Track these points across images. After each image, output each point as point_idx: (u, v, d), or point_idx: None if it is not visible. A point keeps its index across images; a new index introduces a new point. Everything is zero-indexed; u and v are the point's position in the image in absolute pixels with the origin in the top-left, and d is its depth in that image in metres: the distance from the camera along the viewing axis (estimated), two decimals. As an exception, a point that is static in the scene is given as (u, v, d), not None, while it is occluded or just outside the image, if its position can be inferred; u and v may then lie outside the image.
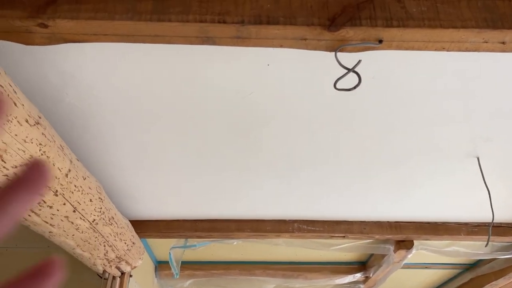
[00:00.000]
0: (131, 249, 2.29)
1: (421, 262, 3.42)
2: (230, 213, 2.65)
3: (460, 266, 3.46)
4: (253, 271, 3.48)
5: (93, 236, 1.81)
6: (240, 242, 2.83)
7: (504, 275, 2.98)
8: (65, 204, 1.47)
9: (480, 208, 2.51)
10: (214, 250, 3.27)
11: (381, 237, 2.73)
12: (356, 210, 2.60)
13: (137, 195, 2.34)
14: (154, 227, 2.67)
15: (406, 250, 2.76)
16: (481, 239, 2.65)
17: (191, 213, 2.62)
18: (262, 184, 2.29)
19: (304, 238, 2.79)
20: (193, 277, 3.45)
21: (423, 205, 2.53)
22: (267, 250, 3.30)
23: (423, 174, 2.18)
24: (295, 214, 2.68)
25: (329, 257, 3.43)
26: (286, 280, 3.51)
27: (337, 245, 2.83)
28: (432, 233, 2.68)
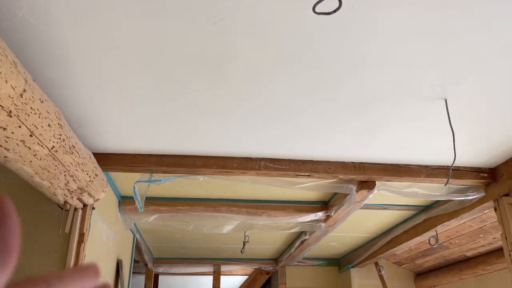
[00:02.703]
0: (94, 180, 2.23)
1: (380, 203, 3.56)
2: (197, 149, 2.61)
3: (415, 207, 3.62)
4: (218, 208, 3.52)
5: (52, 164, 1.73)
6: (206, 178, 2.82)
7: (456, 216, 3.15)
8: (20, 127, 1.38)
9: (441, 152, 2.59)
10: (179, 187, 3.26)
11: (345, 177, 2.78)
12: (322, 150, 2.62)
13: (100, 127, 2.25)
14: (119, 160, 2.60)
15: (368, 191, 2.84)
16: (439, 181, 2.76)
17: (157, 147, 2.56)
18: (229, 121, 2.24)
19: (269, 176, 2.81)
20: (158, 212, 3.46)
21: (387, 148, 2.57)
22: (232, 187, 3.32)
23: (390, 117, 2.20)
24: (262, 153, 2.67)
25: (292, 196, 3.50)
26: (250, 217, 3.58)
27: (302, 183, 2.87)
28: (394, 174, 2.76)
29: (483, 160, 2.71)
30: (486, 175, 2.77)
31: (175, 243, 5.06)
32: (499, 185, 2.72)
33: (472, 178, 2.76)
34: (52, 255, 2.31)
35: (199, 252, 5.49)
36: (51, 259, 2.30)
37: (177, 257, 5.74)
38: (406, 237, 3.92)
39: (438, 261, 4.75)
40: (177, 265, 5.79)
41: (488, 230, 3.61)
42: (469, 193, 2.86)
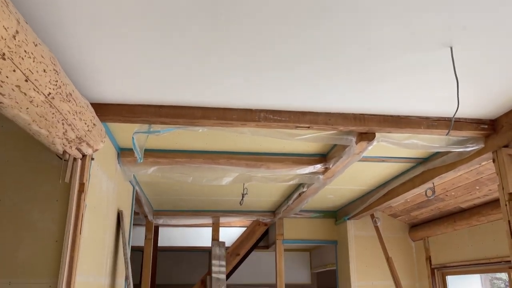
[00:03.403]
0: (92, 130, 2.21)
1: (378, 156, 3.57)
2: (196, 100, 2.57)
3: (414, 160, 3.64)
4: (217, 160, 3.53)
5: (49, 112, 1.70)
6: (205, 130, 2.80)
7: (454, 168, 3.17)
8: (15, 71, 1.34)
9: (443, 102, 2.56)
10: (178, 139, 3.25)
11: (345, 128, 2.77)
12: (322, 101, 2.59)
13: (96, 76, 2.19)
14: (116, 111, 2.57)
15: (367, 142, 2.83)
16: (439, 132, 2.75)
17: (155, 98, 2.52)
18: (229, 71, 2.19)
19: (269, 128, 2.79)
20: (157, 164, 3.46)
21: (388, 99, 2.54)
22: (232, 140, 3.32)
23: (392, 66, 2.15)
24: (262, 104, 2.64)
25: (291, 149, 3.50)
26: (249, 170, 3.60)
27: (302, 135, 2.86)
28: (394, 126, 2.74)
29: (484, 112, 2.69)
30: (486, 126, 2.76)
31: (174, 196, 5.12)
32: (499, 136, 2.71)
33: (472, 130, 2.75)
34: (53, 204, 2.32)
35: (198, 204, 5.57)
36: (53, 208, 2.32)
37: (177, 209, 5.83)
38: (403, 189, 3.97)
39: (433, 213, 4.85)
40: (176, 217, 5.90)
41: (484, 182, 3.65)
42: (468, 145, 2.87)
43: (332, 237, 6.03)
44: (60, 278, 2.20)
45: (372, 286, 5.35)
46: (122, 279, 3.65)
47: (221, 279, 5.63)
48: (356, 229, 5.56)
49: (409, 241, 5.55)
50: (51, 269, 2.22)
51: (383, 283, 5.32)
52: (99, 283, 2.93)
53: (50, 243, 2.26)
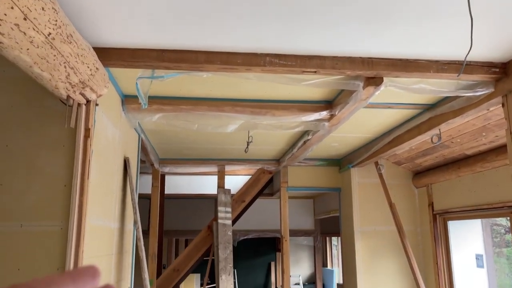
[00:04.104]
0: (95, 74, 2.17)
1: (384, 102, 3.53)
2: (199, 44, 2.51)
3: (421, 106, 3.60)
4: (222, 108, 3.50)
5: (51, 53, 1.66)
6: (209, 75, 2.75)
7: (462, 113, 3.13)
8: (13, 8, 1.29)
9: (454, 45, 2.48)
10: (182, 85, 3.21)
11: (352, 73, 2.71)
12: (329, 45, 2.52)
13: (97, 17, 2.12)
14: (118, 55, 2.51)
15: (375, 87, 2.79)
16: (449, 76, 2.69)
17: (157, 41, 2.45)
18: (233, 12, 2.11)
19: (275, 73, 2.74)
20: (161, 111, 3.45)
21: (397, 41, 2.46)
22: (236, 86, 3.27)
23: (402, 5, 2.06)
24: (267, 47, 2.57)
25: (297, 95, 3.46)
26: (254, 117, 3.58)
27: (308, 80, 2.81)
28: (402, 70, 2.68)
29: (496, 54, 2.61)
30: (497, 70, 2.69)
31: (180, 144, 5.15)
32: (509, 80, 2.65)
33: (483, 73, 2.68)
34: (60, 150, 2.34)
35: (203, 152, 5.61)
36: (59, 153, 2.33)
37: (182, 157, 5.89)
38: (409, 136, 3.96)
39: (437, 160, 4.86)
40: (182, 165, 5.96)
41: (491, 128, 3.62)
42: (478, 89, 2.81)
43: (335, 184, 6.11)
44: (71, 221, 2.25)
45: (375, 231, 5.48)
46: (131, 224, 3.74)
47: (227, 225, 5.77)
48: (359, 176, 5.61)
49: (412, 188, 5.62)
50: (62, 212, 2.26)
51: (385, 228, 5.44)
52: (109, 227, 3.01)
53: (59, 187, 2.29)
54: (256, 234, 8.07)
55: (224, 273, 5.47)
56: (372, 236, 5.47)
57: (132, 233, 3.78)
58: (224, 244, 5.63)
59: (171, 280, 5.87)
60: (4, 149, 2.30)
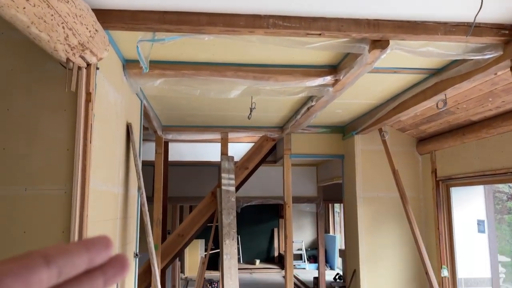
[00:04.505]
0: (95, 36, 2.12)
1: (390, 67, 3.47)
2: (201, 5, 2.44)
3: (427, 71, 3.54)
4: (224, 73, 3.45)
5: (48, 13, 1.61)
6: (211, 38, 2.69)
7: (469, 78, 3.08)
8: (6, -38, 1.24)
9: (463, 5, 2.40)
10: (184, 49, 3.15)
11: (358, 35, 2.64)
12: (335, 5, 2.44)
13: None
14: (118, 17, 2.46)
15: (381, 50, 2.72)
16: (457, 39, 2.63)
17: (158, 2, 2.39)
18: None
19: (278, 35, 2.68)
20: (163, 76, 3.40)
21: (404, 1, 2.39)
22: (239, 51, 3.21)
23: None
24: (271, 9, 2.50)
25: (300, 60, 3.40)
26: (257, 82, 3.53)
27: (312, 43, 2.75)
28: (409, 32, 2.61)
29: (506, 16, 2.53)
30: (507, 32, 2.62)
31: (182, 111, 5.12)
32: (519, 42, 2.59)
33: (492, 36, 2.61)
34: (61, 114, 2.32)
35: (206, 119, 5.59)
36: (61, 117, 2.32)
37: (186, 124, 5.87)
38: (414, 102, 3.91)
39: (442, 127, 4.83)
40: (185, 132, 5.96)
41: (498, 94, 3.57)
42: (486, 52, 2.75)
43: (339, 151, 6.11)
44: (74, 185, 2.26)
45: (377, 197, 5.52)
46: (135, 189, 3.77)
47: (231, 191, 5.82)
48: (363, 143, 5.60)
49: (416, 155, 5.61)
50: (65, 176, 2.27)
51: (388, 194, 5.47)
52: (113, 192, 3.03)
53: (62, 151, 2.29)
54: (259, 201, 8.15)
55: (228, 238, 5.56)
56: (374, 202, 5.51)
57: (136, 198, 3.82)
58: (227, 210, 5.70)
59: (175, 245, 5.98)
60: (5, 113, 2.29)
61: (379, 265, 5.40)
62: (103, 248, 0.29)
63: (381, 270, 5.39)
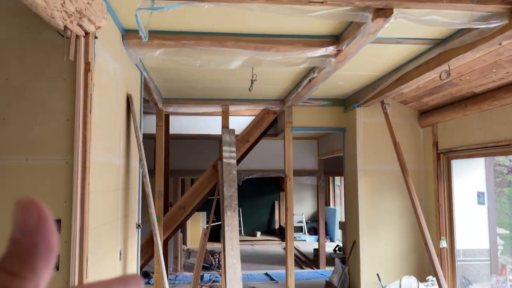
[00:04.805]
0: (92, 3, 2.08)
1: (393, 37, 3.41)
2: (200, -29, 2.38)
3: (430, 41, 3.48)
4: (225, 43, 3.40)
5: (43, -23, 1.57)
6: (212, 5, 2.64)
7: (473, 48, 3.03)
8: None
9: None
10: (183, 18, 3.09)
11: (361, 3, 2.59)
12: (338, -28, 2.38)
13: None
14: (115, -16, 2.40)
15: (384, 19, 2.67)
16: (463, 7, 2.57)
17: (156, -32, 2.33)
18: None
19: (280, 4, 2.62)
20: (163, 47, 3.35)
21: (411, -33, 2.33)
22: (240, 20, 3.15)
23: None
24: (272, -25, 2.44)
25: (302, 30, 3.34)
26: (258, 53, 3.48)
27: (315, 11, 2.69)
28: (414, 0, 2.55)
29: (514, -17, 2.47)
30: (514, -1, 2.56)
31: (183, 83, 5.08)
32: (526, 10, 2.53)
33: (498, 4, 2.55)
34: (60, 83, 2.30)
35: (207, 92, 5.56)
36: (60, 87, 2.30)
37: (186, 97, 5.84)
38: (417, 73, 3.86)
39: (444, 99, 4.79)
40: (186, 105, 5.93)
41: (502, 65, 3.52)
42: (491, 21, 2.69)
43: (340, 124, 6.09)
44: (75, 155, 2.26)
45: (378, 170, 5.53)
46: (136, 161, 3.78)
47: (232, 164, 5.84)
48: (365, 116, 5.58)
49: (417, 128, 5.59)
50: (66, 146, 2.27)
51: (389, 167, 5.49)
52: (114, 163, 3.03)
53: (62, 121, 2.28)
54: (260, 174, 8.18)
55: (229, 210, 5.61)
56: (375, 175, 5.53)
57: (137, 170, 3.83)
58: (229, 183, 5.73)
59: (177, 217, 6.05)
60: (4, 83, 2.27)
61: (379, 237, 5.47)
62: (135, 285, 0.32)
63: (380, 241, 5.46)
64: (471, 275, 5.02)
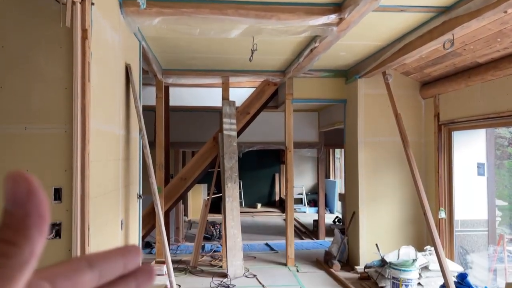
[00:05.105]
0: (88, -33, 2.02)
1: (397, 5, 3.34)
2: None
3: (435, 9, 3.41)
4: (225, 11, 3.33)
5: None
6: (210, -29, 2.57)
7: (478, 15, 2.96)
8: None
9: None
10: (182, -15, 3.02)
11: (365, -32, 2.52)
12: None
13: None
14: None
15: (388, -15, 2.60)
16: (469, -28, 2.50)
17: None
18: None
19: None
20: (161, 15, 3.29)
21: None
22: (240, -14, 3.08)
23: None
24: None
25: (304, -3, 3.27)
26: (258, 21, 3.42)
27: (316, -23, 2.62)
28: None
29: None
30: (522, -36, 2.49)
31: (182, 53, 5.01)
32: (534, -25, 2.46)
33: (506, -32, 2.48)
34: (57, 51, 2.26)
35: (207, 63, 5.49)
36: (58, 54, 2.26)
37: (186, 68, 5.77)
38: (420, 43, 3.80)
39: (447, 70, 4.73)
40: (186, 76, 5.87)
41: (507, 33, 3.46)
42: (498, -13, 2.62)
43: (341, 96, 6.05)
44: (75, 124, 2.24)
45: (378, 142, 5.53)
46: (136, 132, 3.77)
47: (232, 136, 5.83)
48: (366, 87, 5.53)
49: (419, 99, 5.55)
50: (65, 115, 2.25)
51: (389, 139, 5.48)
52: (114, 132, 3.02)
53: (60, 90, 2.25)
54: (261, 146, 8.18)
55: (230, 181, 5.64)
56: (375, 147, 5.52)
57: (138, 141, 3.83)
58: (229, 154, 5.74)
59: (178, 188, 6.09)
60: (0, 50, 2.23)
61: (378, 207, 5.51)
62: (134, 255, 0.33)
63: (380, 212, 5.51)
64: (469, 245, 5.08)
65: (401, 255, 4.65)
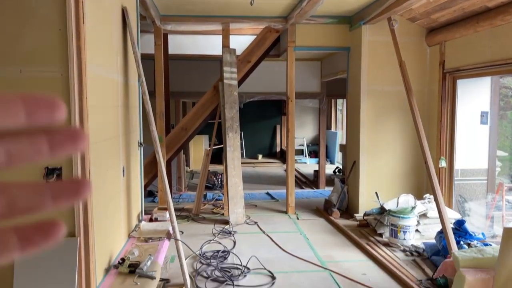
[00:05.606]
0: None
1: None
2: None
3: None
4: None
5: None
6: None
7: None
8: None
9: None
10: None
11: None
12: None
13: None
14: None
15: None
16: None
17: None
18: None
19: None
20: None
21: None
22: None
23: None
24: None
25: None
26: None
27: None
28: None
29: None
30: None
31: (180, -2, 4.83)
32: None
33: None
34: (49, -11, 2.16)
35: (207, 7, 5.31)
36: (49, -7, 2.16)
37: (185, 14, 5.59)
38: (428, -15, 3.63)
39: (455, 15, 4.57)
40: (185, 23, 5.70)
41: (521, -26, 3.29)
42: None
43: (345, 43, 5.89)
44: (71, 67, 2.18)
45: (382, 91, 5.45)
46: (135, 79, 3.70)
47: (233, 85, 5.74)
48: (371, 34, 5.37)
49: (424, 46, 5.41)
50: (60, 58, 2.18)
51: (392, 88, 5.39)
52: (112, 78, 2.96)
53: (54, 31, 2.17)
54: (262, 97, 8.09)
55: (231, 131, 5.62)
56: (378, 95, 5.45)
57: (137, 88, 3.76)
58: (230, 104, 5.68)
59: (179, 138, 6.08)
60: (-12, -11, 2.13)
61: (379, 157, 5.53)
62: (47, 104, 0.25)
63: (380, 161, 5.53)
64: (468, 193, 5.14)
65: (400, 203, 4.71)
